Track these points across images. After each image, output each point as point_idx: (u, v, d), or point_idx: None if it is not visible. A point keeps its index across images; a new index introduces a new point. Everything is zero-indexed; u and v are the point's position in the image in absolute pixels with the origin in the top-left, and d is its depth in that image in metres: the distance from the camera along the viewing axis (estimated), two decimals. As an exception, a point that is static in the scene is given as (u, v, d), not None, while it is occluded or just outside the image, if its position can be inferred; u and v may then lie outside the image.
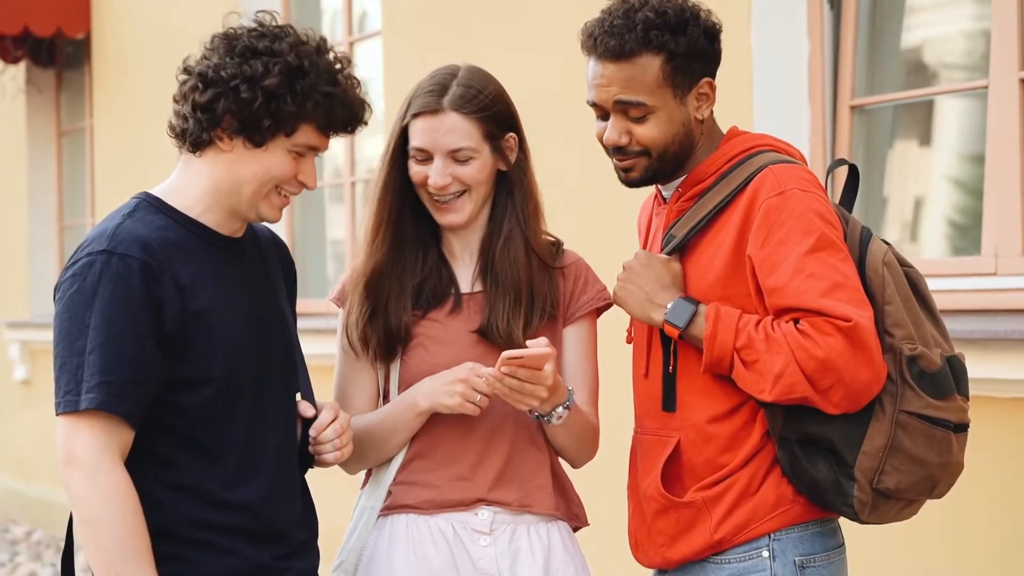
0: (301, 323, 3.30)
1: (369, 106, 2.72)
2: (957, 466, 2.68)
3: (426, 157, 2.85)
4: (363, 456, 2.92)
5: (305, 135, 2.62)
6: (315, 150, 2.67)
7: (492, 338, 2.88)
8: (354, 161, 7.12)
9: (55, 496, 9.43)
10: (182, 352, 2.58)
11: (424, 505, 2.89)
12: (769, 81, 4.63)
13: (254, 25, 2.63)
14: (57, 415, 2.55)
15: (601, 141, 2.78)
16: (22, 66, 10.06)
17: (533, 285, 2.92)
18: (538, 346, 2.70)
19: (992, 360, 3.91)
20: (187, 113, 2.61)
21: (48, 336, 9.78)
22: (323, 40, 2.66)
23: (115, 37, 9.12)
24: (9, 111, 10.47)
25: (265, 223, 2.78)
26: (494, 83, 2.92)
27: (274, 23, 2.64)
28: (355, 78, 2.67)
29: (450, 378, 2.81)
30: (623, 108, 2.72)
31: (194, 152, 2.64)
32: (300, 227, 7.43)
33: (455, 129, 2.85)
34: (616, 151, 2.76)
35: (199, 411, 2.61)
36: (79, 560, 2.78)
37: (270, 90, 2.55)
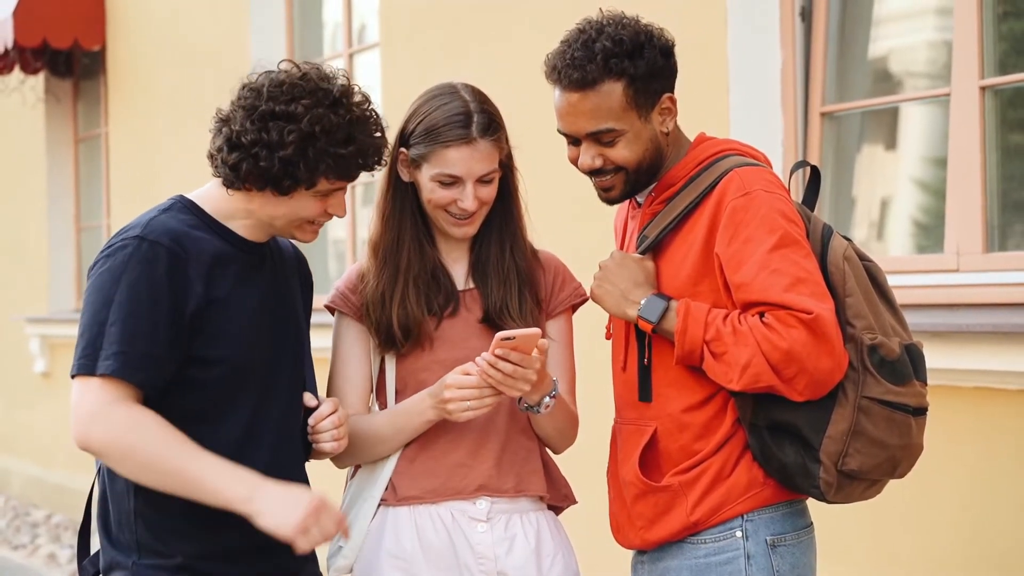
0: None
1: (386, 146, 2.76)
2: (917, 447, 2.69)
3: (453, 182, 2.86)
4: (357, 453, 2.95)
5: (325, 184, 2.68)
6: (341, 189, 2.73)
7: (502, 323, 2.90)
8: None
9: (73, 482, 9.44)
10: (199, 333, 2.64)
11: (427, 496, 2.91)
12: (744, 90, 4.64)
13: (276, 80, 2.66)
14: (72, 376, 2.60)
15: (575, 164, 2.79)
16: (41, 77, 10.07)
17: (525, 271, 2.96)
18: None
19: (954, 352, 3.92)
20: (218, 164, 2.69)
21: (66, 331, 9.79)
22: (343, 86, 2.68)
23: (129, 49, 9.12)
24: (29, 119, 10.48)
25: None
26: (491, 99, 2.94)
27: (296, 74, 2.67)
28: (372, 120, 2.70)
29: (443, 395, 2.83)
30: (594, 136, 2.73)
31: (228, 189, 2.71)
32: (303, 228, 7.42)
33: (487, 156, 2.87)
34: (593, 173, 2.77)
35: (210, 388, 2.66)
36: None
37: (285, 158, 2.61)
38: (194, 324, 2.63)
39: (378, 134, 2.71)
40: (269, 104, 2.62)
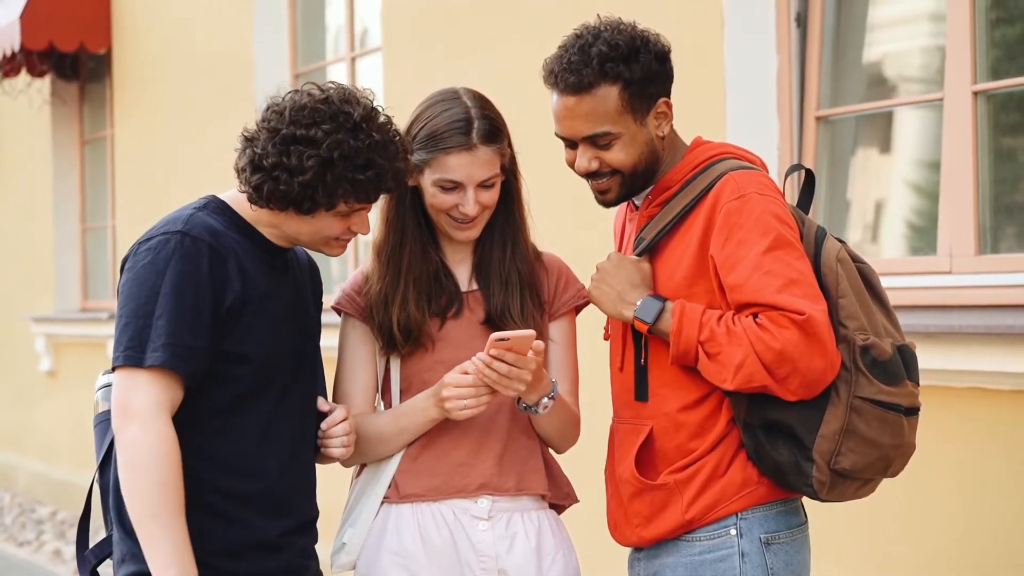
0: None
1: (407, 169, 2.76)
2: (909, 447, 2.70)
3: (455, 187, 2.86)
4: (362, 452, 2.95)
5: (345, 205, 2.69)
6: (363, 209, 2.73)
7: (503, 325, 2.90)
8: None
9: (78, 478, 9.44)
10: (233, 330, 2.66)
11: (430, 493, 2.91)
12: (741, 94, 4.64)
13: (299, 104, 2.66)
14: (115, 367, 2.61)
15: (572, 167, 2.80)
16: (47, 79, 10.07)
17: (527, 274, 2.96)
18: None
19: (947, 352, 3.92)
20: (242, 182, 2.70)
21: (71, 330, 9.79)
22: (367, 110, 2.68)
23: (134, 52, 9.12)
24: (35, 121, 10.48)
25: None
26: (493, 104, 2.94)
27: (319, 97, 2.67)
28: (394, 144, 2.69)
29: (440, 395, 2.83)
30: (590, 139, 2.73)
31: (252, 205, 2.73)
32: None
33: (487, 162, 2.87)
34: (590, 176, 2.78)
35: (236, 385, 2.68)
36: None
37: (304, 183, 2.63)
38: (229, 320, 2.66)
39: (399, 157, 2.70)
40: (291, 128, 2.63)
